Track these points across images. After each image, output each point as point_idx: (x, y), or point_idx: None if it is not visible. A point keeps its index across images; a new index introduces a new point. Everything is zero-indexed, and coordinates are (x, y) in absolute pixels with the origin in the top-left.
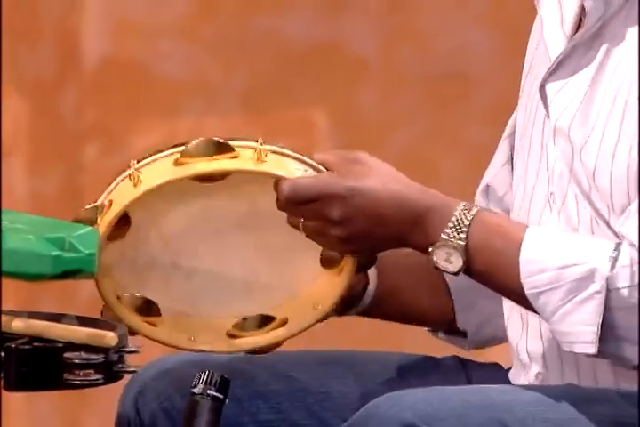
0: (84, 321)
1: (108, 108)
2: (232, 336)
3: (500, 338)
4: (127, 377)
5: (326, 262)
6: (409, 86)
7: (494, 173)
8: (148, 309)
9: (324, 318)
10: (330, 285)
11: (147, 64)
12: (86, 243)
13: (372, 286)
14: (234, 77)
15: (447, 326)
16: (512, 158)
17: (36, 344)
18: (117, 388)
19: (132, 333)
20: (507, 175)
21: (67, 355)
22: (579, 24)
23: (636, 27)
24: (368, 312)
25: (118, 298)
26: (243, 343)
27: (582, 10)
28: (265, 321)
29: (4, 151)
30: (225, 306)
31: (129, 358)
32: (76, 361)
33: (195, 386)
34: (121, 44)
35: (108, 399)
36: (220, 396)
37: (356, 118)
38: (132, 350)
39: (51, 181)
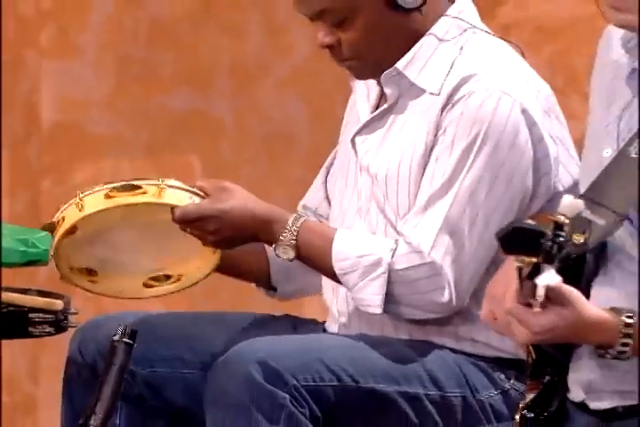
0: (41, 293)
1: (58, 155)
2: (148, 286)
3: (300, 294)
4: (71, 330)
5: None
6: (253, 141)
7: (310, 195)
8: (89, 273)
9: (204, 277)
10: (208, 258)
11: (83, 126)
12: (43, 242)
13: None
14: (140, 135)
15: (266, 282)
16: (325, 184)
17: (10, 308)
18: (64, 337)
19: (81, 288)
20: (320, 197)
21: (30, 315)
22: (379, 99)
23: (416, 104)
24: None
25: (70, 269)
26: (153, 291)
27: (382, 90)
28: (167, 278)
29: None
30: (141, 267)
31: (71, 318)
32: (36, 319)
33: (114, 335)
34: (66, 113)
35: (59, 345)
36: (130, 341)
37: (219, 162)
38: (73, 311)
39: (21, 202)
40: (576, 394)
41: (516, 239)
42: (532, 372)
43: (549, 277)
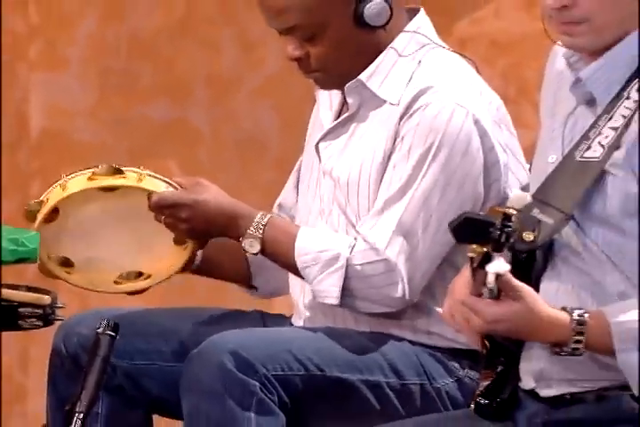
0: (30, 289)
1: (46, 160)
2: (117, 283)
3: (279, 293)
4: (57, 323)
5: (177, 242)
6: (228, 147)
7: (285, 195)
8: (66, 263)
9: (174, 274)
10: (179, 255)
11: (68, 133)
12: (32, 241)
13: (199, 256)
14: (121, 142)
15: (246, 283)
16: (297, 186)
17: (2, 303)
18: (51, 330)
19: (56, 278)
20: (293, 197)
21: (20, 310)
22: (342, 107)
23: (376, 113)
24: (198, 271)
25: (49, 257)
26: (124, 287)
27: (344, 100)
28: (138, 275)
29: None
30: (114, 264)
31: (58, 311)
32: (26, 313)
33: (98, 328)
34: (53, 121)
35: (46, 337)
36: (113, 334)
37: (196, 167)
38: (60, 306)
39: (12, 203)
40: (527, 382)
41: (467, 229)
42: (485, 362)
43: (498, 265)
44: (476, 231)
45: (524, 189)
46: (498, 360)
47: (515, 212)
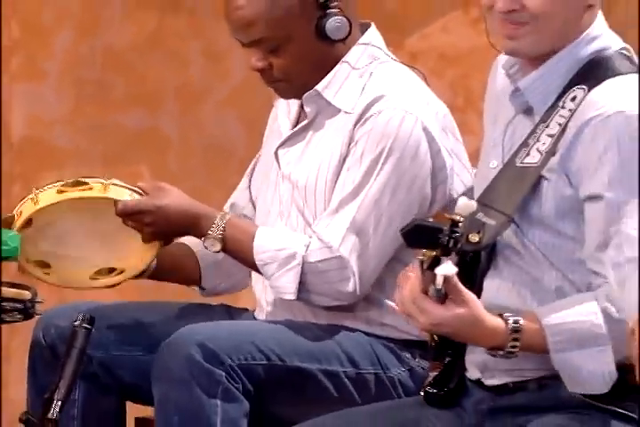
0: (12, 285)
1: (27, 165)
2: (93, 279)
3: (229, 290)
4: (37, 317)
5: (145, 240)
6: (196, 153)
7: (237, 195)
8: (43, 265)
9: (144, 269)
10: (147, 252)
11: (47, 140)
12: (13, 241)
13: (154, 263)
14: (96, 148)
15: (197, 283)
16: (249, 188)
17: None
18: (31, 323)
19: (36, 279)
20: (245, 197)
21: (3, 304)
22: (299, 116)
23: (331, 121)
24: (153, 277)
25: (27, 261)
26: (100, 283)
27: (302, 109)
28: (112, 271)
29: None
30: (89, 263)
31: (38, 306)
32: (8, 307)
33: (75, 321)
34: (33, 129)
35: (27, 330)
36: (89, 327)
37: (165, 172)
38: (39, 301)
39: None
40: (472, 373)
41: (418, 235)
42: (434, 354)
43: (447, 268)
44: (426, 237)
45: (469, 191)
46: (445, 352)
47: (462, 219)
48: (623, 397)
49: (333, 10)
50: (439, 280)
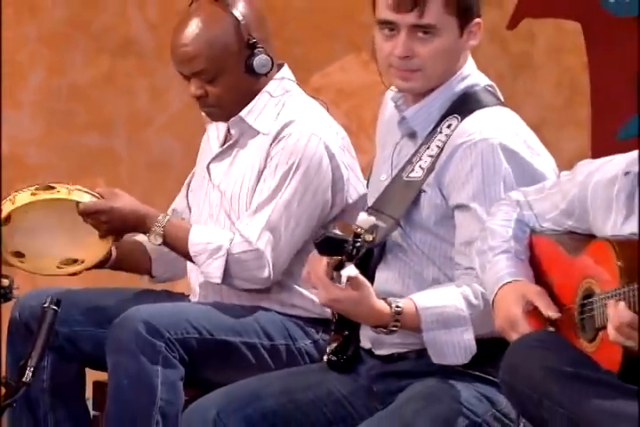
0: None
1: (7, 178)
2: (59, 268)
3: (171, 280)
4: (14, 300)
5: (101, 237)
6: (142, 168)
7: (177, 202)
8: (19, 255)
9: (101, 260)
10: (103, 246)
11: (23, 158)
12: None
13: (114, 257)
14: (62, 164)
15: (148, 274)
16: (187, 196)
17: None
18: (8, 305)
19: (12, 266)
20: (183, 203)
21: None
22: (226, 137)
23: (252, 141)
24: (113, 267)
25: (6, 251)
26: (65, 271)
27: (229, 131)
28: (75, 261)
29: None
30: (56, 254)
31: (15, 291)
32: None
33: (44, 303)
34: (12, 149)
35: (5, 311)
36: (56, 308)
37: (118, 183)
38: (16, 287)
39: None
40: (365, 344)
41: (327, 244)
42: (335, 328)
43: (350, 270)
44: (334, 246)
45: (362, 198)
46: (344, 327)
47: (363, 231)
48: (485, 364)
49: (259, 50)
50: (343, 280)
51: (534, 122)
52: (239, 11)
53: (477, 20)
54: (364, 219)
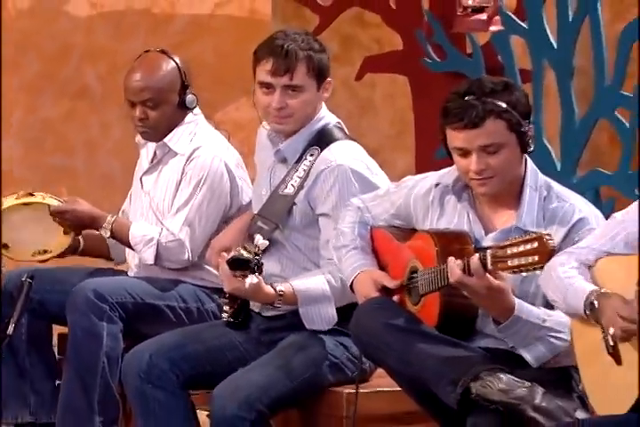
0: None
1: None
2: (33, 256)
3: (123, 262)
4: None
5: (65, 232)
6: (96, 180)
7: (125, 205)
8: (5, 246)
9: (64, 250)
10: (66, 239)
11: (8, 173)
12: None
13: (81, 245)
14: (36, 179)
15: (108, 257)
16: (130, 201)
17: None
18: None
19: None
20: (128, 207)
21: None
22: (154, 156)
23: (173, 160)
24: (82, 254)
25: None
26: (37, 258)
27: (155, 152)
28: (45, 251)
29: None
30: (32, 245)
31: (3, 270)
32: None
33: (22, 277)
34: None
35: None
36: (31, 281)
37: (78, 192)
38: (3, 265)
39: None
40: (254, 308)
41: (236, 263)
42: (230, 298)
43: (252, 279)
44: (241, 264)
45: (248, 205)
46: (237, 298)
47: (260, 251)
48: (341, 321)
49: (190, 90)
50: (247, 286)
51: (375, 147)
52: (178, 60)
53: (329, 79)
54: (261, 242)
